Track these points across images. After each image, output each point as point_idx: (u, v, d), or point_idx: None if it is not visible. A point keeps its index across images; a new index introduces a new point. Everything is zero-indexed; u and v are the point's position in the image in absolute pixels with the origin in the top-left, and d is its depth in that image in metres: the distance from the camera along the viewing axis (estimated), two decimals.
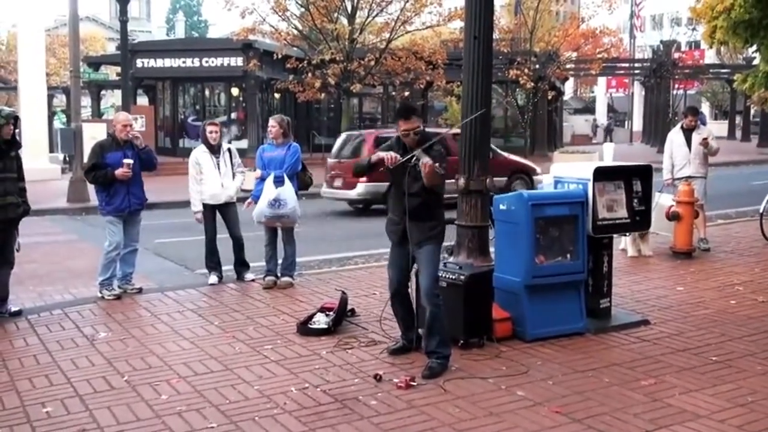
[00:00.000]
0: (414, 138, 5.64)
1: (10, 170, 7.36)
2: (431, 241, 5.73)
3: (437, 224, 5.77)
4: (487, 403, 5.00)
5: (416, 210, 5.64)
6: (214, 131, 8.79)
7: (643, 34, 61.88)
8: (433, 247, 5.74)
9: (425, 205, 5.67)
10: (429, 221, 5.72)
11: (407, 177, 5.60)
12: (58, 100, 45.71)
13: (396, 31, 25.74)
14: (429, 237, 5.71)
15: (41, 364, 6.06)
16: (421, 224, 5.69)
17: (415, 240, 5.69)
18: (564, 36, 29.16)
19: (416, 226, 5.68)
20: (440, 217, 5.81)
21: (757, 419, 4.69)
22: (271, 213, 8.41)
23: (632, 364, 5.76)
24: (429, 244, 5.71)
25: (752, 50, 15.64)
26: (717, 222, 13.26)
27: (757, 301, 7.69)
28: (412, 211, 5.64)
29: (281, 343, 6.44)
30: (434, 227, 5.74)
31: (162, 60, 31.77)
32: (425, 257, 5.70)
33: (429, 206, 5.69)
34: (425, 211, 5.68)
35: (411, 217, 5.65)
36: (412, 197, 5.63)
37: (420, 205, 5.65)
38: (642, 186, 6.93)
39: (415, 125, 5.67)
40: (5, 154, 7.31)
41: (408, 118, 5.70)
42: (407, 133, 5.66)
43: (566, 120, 53.66)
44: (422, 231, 5.69)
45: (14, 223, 7.52)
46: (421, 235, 5.69)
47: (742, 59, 44.34)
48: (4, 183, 7.29)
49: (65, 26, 23.75)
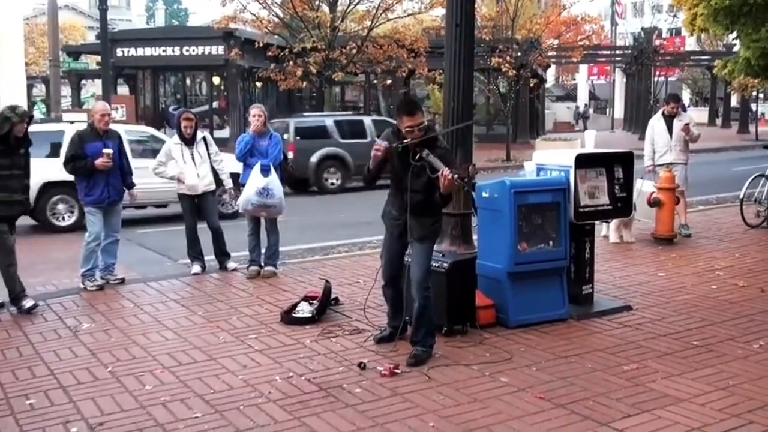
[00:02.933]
0: (419, 135, 5.44)
1: (18, 167, 7.36)
2: (431, 236, 5.74)
3: (437, 220, 5.76)
4: (471, 389, 5.03)
5: (418, 206, 5.59)
6: (188, 126, 8.73)
7: (624, 21, 62.09)
8: (430, 241, 5.74)
9: (427, 202, 5.60)
10: (430, 217, 5.68)
11: (410, 173, 5.52)
12: (37, 90, 45.36)
13: (377, 19, 25.68)
14: (430, 232, 5.70)
15: (24, 355, 6.03)
16: (422, 219, 5.64)
17: (416, 236, 5.66)
18: (545, 23, 29.11)
19: (417, 221, 5.64)
20: (440, 213, 5.80)
21: (737, 402, 4.74)
22: (259, 201, 8.37)
23: (614, 350, 5.80)
24: (428, 239, 5.70)
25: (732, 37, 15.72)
26: (698, 208, 13.37)
27: (738, 285, 7.76)
28: (413, 208, 5.59)
29: (265, 333, 6.43)
30: (434, 222, 5.73)
31: (142, 49, 31.54)
32: (421, 250, 5.68)
33: (430, 203, 5.62)
34: (427, 207, 5.62)
35: (412, 212, 5.60)
36: (414, 194, 5.56)
37: (422, 202, 5.59)
38: (623, 173, 6.96)
39: (419, 121, 5.45)
40: (15, 151, 7.30)
41: (412, 113, 5.45)
42: (411, 129, 5.43)
43: (548, 107, 53.79)
44: (423, 226, 5.65)
45: (15, 219, 7.51)
46: (423, 230, 5.65)
47: (723, 46, 44.60)
48: (12, 180, 7.28)
49: (44, 15, 23.55)
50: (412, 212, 5.61)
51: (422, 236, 5.66)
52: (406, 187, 5.55)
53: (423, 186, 5.53)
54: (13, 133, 7.21)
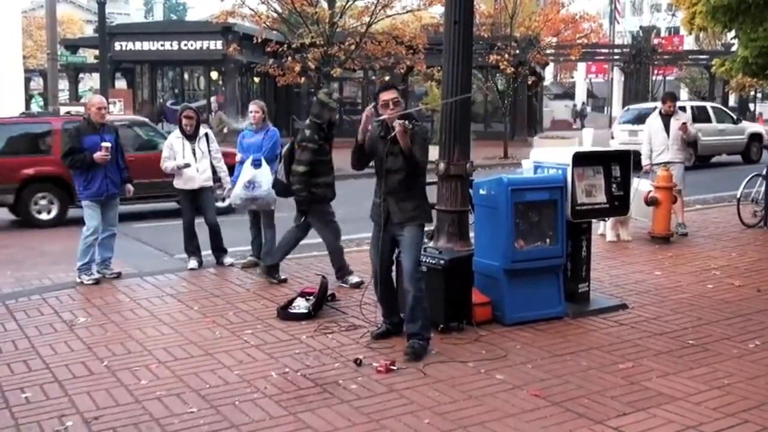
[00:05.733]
0: (394, 110, 5.62)
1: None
2: (413, 221, 5.68)
3: (419, 204, 5.70)
4: (466, 386, 5.03)
5: (396, 188, 5.61)
6: (189, 124, 8.73)
7: (623, 20, 62.04)
8: (415, 229, 5.69)
9: (405, 184, 5.61)
10: (410, 200, 5.66)
11: (387, 153, 5.59)
12: (35, 84, 45.16)
13: (376, 15, 25.62)
14: (411, 218, 5.66)
15: (20, 349, 6.02)
16: (402, 204, 5.64)
17: (396, 220, 5.65)
18: (544, 21, 29.07)
19: (397, 206, 5.64)
20: (422, 197, 5.75)
21: (732, 402, 4.75)
22: (245, 195, 8.38)
23: (610, 348, 5.81)
24: (410, 226, 5.66)
25: (731, 36, 15.72)
26: (695, 207, 13.38)
27: (734, 285, 7.77)
28: (391, 190, 5.61)
29: (261, 328, 6.43)
30: (416, 207, 5.68)
31: (140, 43, 31.50)
32: (407, 240, 5.66)
33: (409, 185, 5.63)
34: (405, 189, 5.63)
35: (390, 194, 5.62)
36: (392, 174, 5.60)
37: (400, 183, 5.60)
38: (621, 171, 6.97)
39: (393, 95, 5.69)
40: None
41: (388, 89, 5.80)
42: (386, 103, 5.65)
43: (546, 105, 53.76)
44: (403, 211, 5.64)
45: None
46: (403, 215, 5.64)
47: (721, 45, 44.59)
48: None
49: (42, 8, 23.49)
50: (391, 193, 5.62)
51: (402, 220, 5.64)
52: (384, 169, 5.63)
53: (400, 166, 5.57)
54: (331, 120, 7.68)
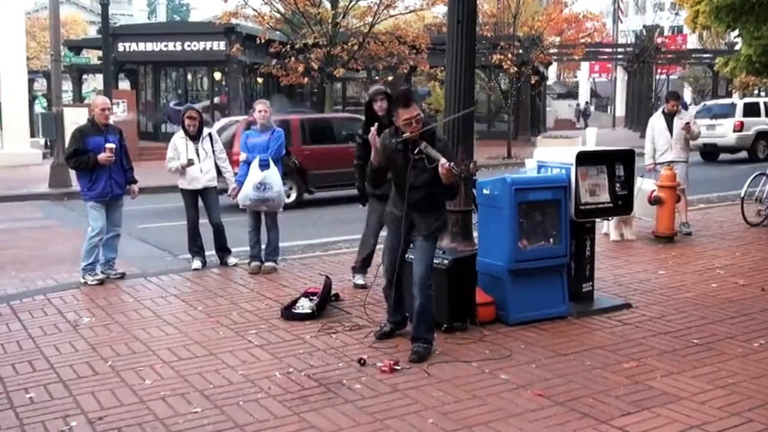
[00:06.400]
0: (417, 127, 5.42)
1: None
2: (436, 232, 5.71)
3: (440, 214, 5.72)
4: (470, 386, 5.03)
5: (420, 203, 5.59)
6: (192, 125, 8.74)
7: (626, 19, 61.98)
8: (434, 238, 5.72)
9: (430, 198, 5.59)
10: (434, 213, 5.65)
11: (410, 169, 5.49)
12: (38, 85, 45.20)
13: (379, 15, 25.64)
14: (436, 228, 5.68)
15: (24, 349, 6.03)
16: (427, 216, 5.63)
17: (423, 232, 5.64)
18: (547, 20, 29.08)
19: (422, 218, 5.63)
20: (443, 208, 5.76)
21: (737, 401, 4.74)
22: (256, 196, 8.37)
23: (614, 348, 5.81)
24: (433, 236, 5.69)
25: (734, 35, 15.72)
26: (699, 206, 13.36)
27: (738, 284, 7.76)
28: (416, 204, 5.58)
29: (265, 328, 6.44)
30: (438, 218, 5.69)
31: (144, 44, 31.51)
32: (424, 248, 5.66)
33: (434, 199, 5.61)
34: (431, 203, 5.62)
35: (415, 209, 5.59)
36: (416, 190, 5.54)
37: (424, 198, 5.57)
38: (624, 170, 6.96)
39: (416, 113, 5.43)
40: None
41: (408, 106, 5.45)
42: (409, 121, 5.43)
43: (550, 105, 53.77)
44: (429, 223, 5.63)
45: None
46: (429, 226, 5.63)
47: (724, 44, 44.55)
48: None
49: (45, 9, 23.53)
50: (415, 209, 5.59)
51: (429, 232, 5.64)
52: (407, 184, 5.54)
53: (425, 182, 5.51)
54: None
